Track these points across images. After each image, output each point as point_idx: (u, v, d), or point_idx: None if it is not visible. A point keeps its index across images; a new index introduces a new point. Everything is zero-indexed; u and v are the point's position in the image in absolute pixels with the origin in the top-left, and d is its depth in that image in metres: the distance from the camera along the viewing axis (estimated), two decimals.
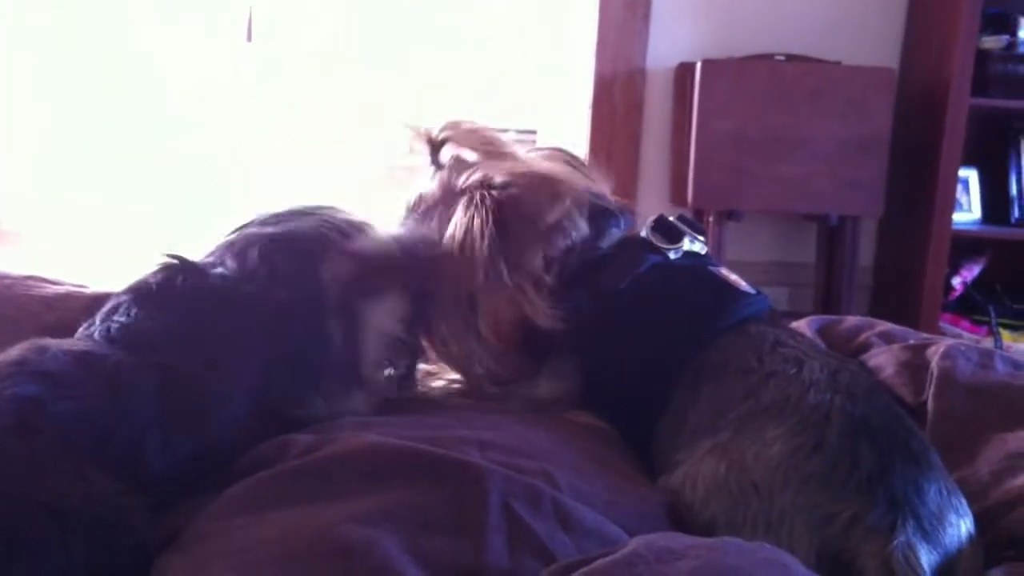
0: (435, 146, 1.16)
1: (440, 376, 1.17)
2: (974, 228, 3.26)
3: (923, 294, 3.13)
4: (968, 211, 3.29)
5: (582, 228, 1.11)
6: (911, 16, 3.23)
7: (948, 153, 3.06)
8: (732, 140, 2.98)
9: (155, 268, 0.99)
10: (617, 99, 3.24)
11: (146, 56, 5.37)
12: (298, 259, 1.01)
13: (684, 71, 3.09)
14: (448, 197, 1.12)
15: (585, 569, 0.69)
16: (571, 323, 1.08)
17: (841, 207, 3.10)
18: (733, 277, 1.13)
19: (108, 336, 0.91)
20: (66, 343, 0.90)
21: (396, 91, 5.87)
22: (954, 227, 3.12)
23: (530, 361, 1.10)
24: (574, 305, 1.08)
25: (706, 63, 2.93)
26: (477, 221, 1.05)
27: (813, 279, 3.19)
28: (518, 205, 1.07)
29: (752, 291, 1.12)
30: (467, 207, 1.07)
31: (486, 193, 1.07)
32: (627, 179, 3.14)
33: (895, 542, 0.84)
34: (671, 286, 1.10)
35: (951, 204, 3.12)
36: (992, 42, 3.07)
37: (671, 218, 1.16)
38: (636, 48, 3.21)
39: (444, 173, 1.14)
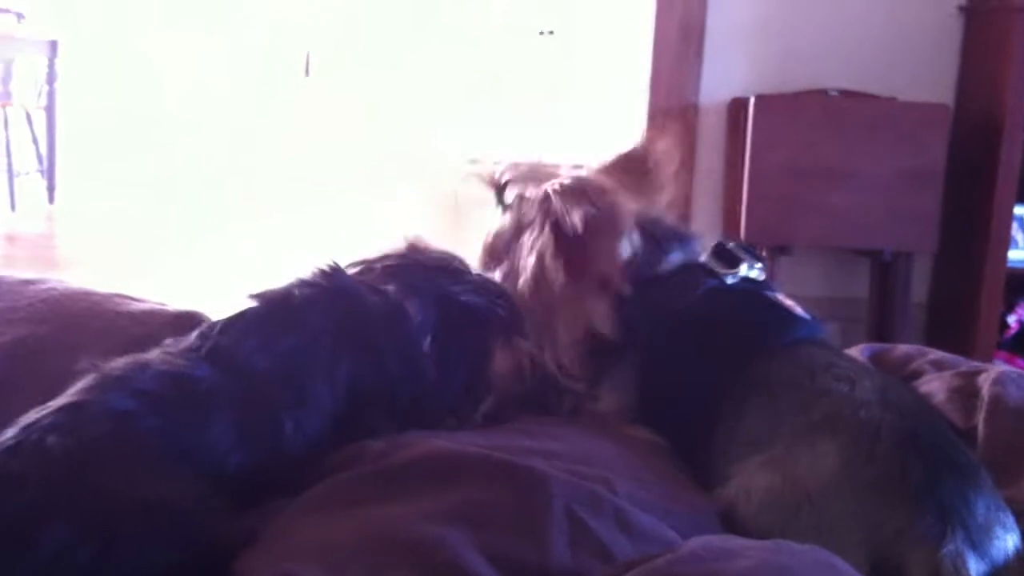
0: (499, 188, 1.24)
1: None
2: None
3: (978, 331, 3.13)
4: (1023, 249, 3.30)
5: (638, 245, 1.17)
6: (965, 52, 3.26)
7: (1003, 188, 3.07)
8: (785, 174, 3.02)
9: (306, 276, 1.06)
10: (670, 133, 3.29)
11: (215, 94, 5.54)
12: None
13: (737, 106, 3.14)
14: (518, 231, 1.20)
15: (645, 566, 0.75)
16: (630, 340, 1.14)
17: (895, 242, 3.12)
18: (789, 302, 1.18)
19: (208, 354, 0.98)
20: (166, 362, 0.96)
21: (458, 132, 6.00)
22: (1010, 264, 3.13)
23: (593, 366, 1.17)
24: (634, 323, 1.14)
25: (759, 98, 2.98)
26: (544, 241, 1.12)
27: (866, 315, 3.21)
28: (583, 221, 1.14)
29: (807, 316, 1.18)
30: (533, 232, 1.14)
31: (549, 210, 1.15)
32: (680, 213, 3.20)
33: (944, 550, 0.88)
34: (728, 308, 1.16)
35: (1006, 240, 3.13)
36: None
37: (730, 245, 1.22)
38: (689, 83, 3.27)
39: (512, 211, 1.22)
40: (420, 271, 1.15)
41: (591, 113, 3.81)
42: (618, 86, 3.62)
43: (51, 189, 4.75)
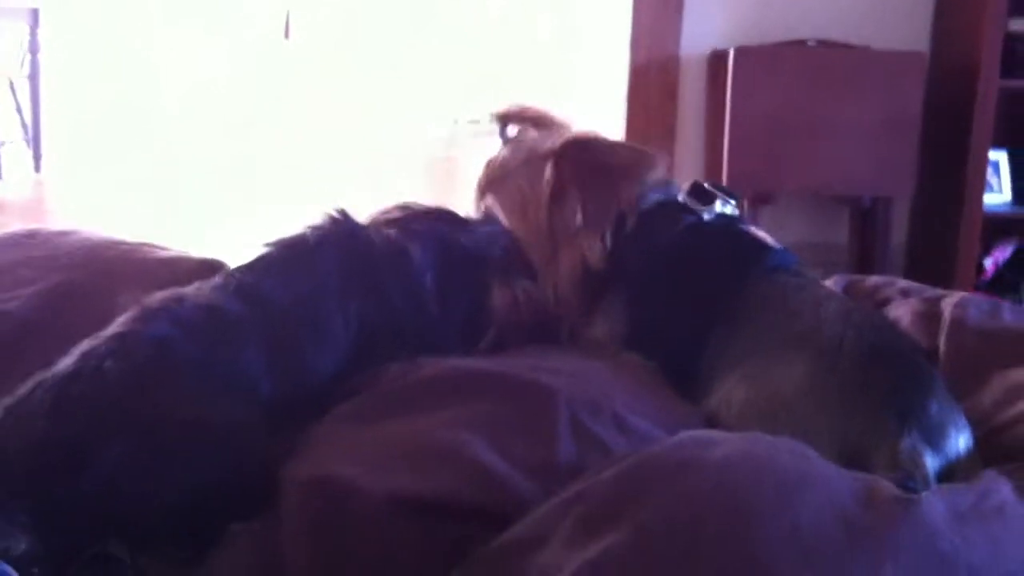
0: (504, 120, 1.36)
1: None
2: (1005, 210, 3.40)
3: (955, 274, 3.26)
4: (999, 193, 3.43)
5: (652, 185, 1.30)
6: (940, 0, 3.37)
7: (978, 135, 3.20)
8: (765, 125, 3.14)
9: (317, 222, 1.18)
10: (652, 87, 3.40)
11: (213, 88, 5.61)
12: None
13: (717, 58, 3.25)
14: (531, 159, 1.32)
15: (638, 454, 0.88)
16: (619, 273, 1.26)
17: (873, 188, 3.25)
18: (762, 234, 1.31)
19: (236, 289, 1.10)
20: (200, 295, 1.08)
21: (435, 82, 6.08)
22: (985, 208, 3.27)
23: (586, 298, 1.29)
24: (622, 257, 1.26)
25: (739, 50, 3.09)
26: (565, 175, 1.25)
27: (847, 260, 3.33)
28: (601, 158, 1.27)
29: (779, 247, 1.30)
30: (554, 166, 1.26)
31: (570, 150, 1.28)
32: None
33: (902, 444, 1.01)
34: (707, 241, 1.28)
35: (982, 185, 3.25)
36: (1021, 25, 3.20)
37: (704, 184, 1.34)
38: (670, 36, 3.37)
39: (512, 145, 1.34)
40: (419, 218, 1.27)
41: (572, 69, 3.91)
42: (597, 43, 3.71)
43: (37, 158, 4.82)
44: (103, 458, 0.91)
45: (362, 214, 1.27)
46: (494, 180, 1.36)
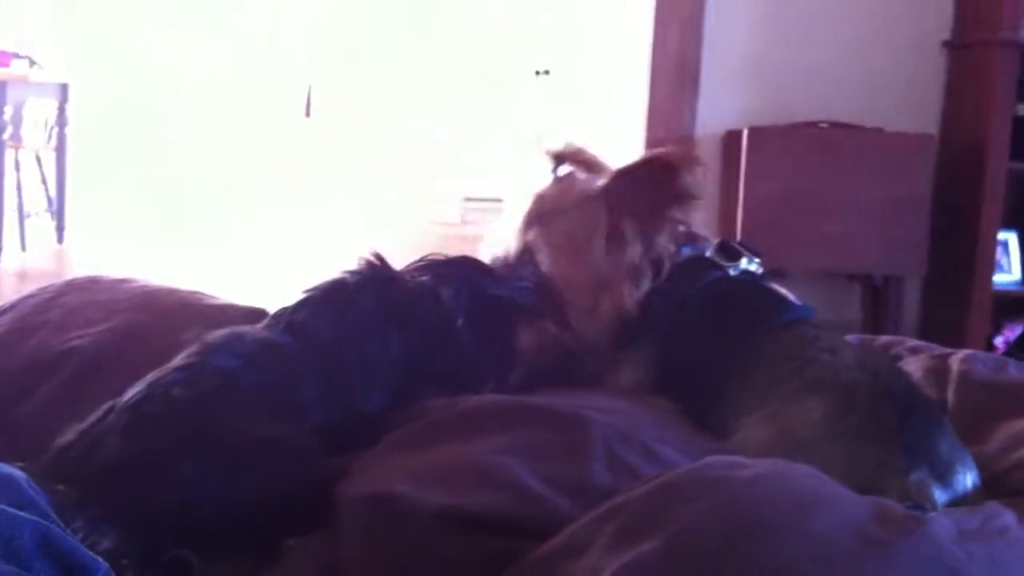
0: (558, 159, 1.46)
1: None
2: (1015, 288, 3.50)
3: None
4: (1009, 272, 3.53)
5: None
6: (949, 84, 3.51)
7: (987, 215, 3.32)
8: (778, 203, 3.26)
9: (353, 268, 1.28)
10: None
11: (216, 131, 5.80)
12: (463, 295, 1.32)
13: (731, 138, 3.38)
14: (583, 200, 1.42)
15: (668, 474, 0.97)
16: (649, 320, 1.36)
17: (884, 267, 3.36)
18: (783, 291, 1.41)
19: (287, 327, 1.20)
20: (256, 332, 1.19)
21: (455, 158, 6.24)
22: (996, 287, 3.37)
23: (616, 343, 1.39)
24: (653, 305, 1.36)
25: (752, 130, 3.23)
26: (597, 221, 1.36)
27: None
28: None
29: (798, 302, 1.41)
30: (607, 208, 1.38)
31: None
32: None
33: (911, 478, 1.11)
34: (733, 293, 1.38)
35: (991, 265, 3.36)
36: None
37: (731, 242, 1.45)
38: (685, 116, 3.51)
39: (560, 184, 1.45)
40: (447, 265, 1.38)
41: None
42: (615, 122, 3.85)
43: (60, 229, 4.97)
44: (175, 473, 1.00)
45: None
46: (544, 215, 1.44)
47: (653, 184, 1.40)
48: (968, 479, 1.17)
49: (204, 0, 6.32)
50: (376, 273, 1.30)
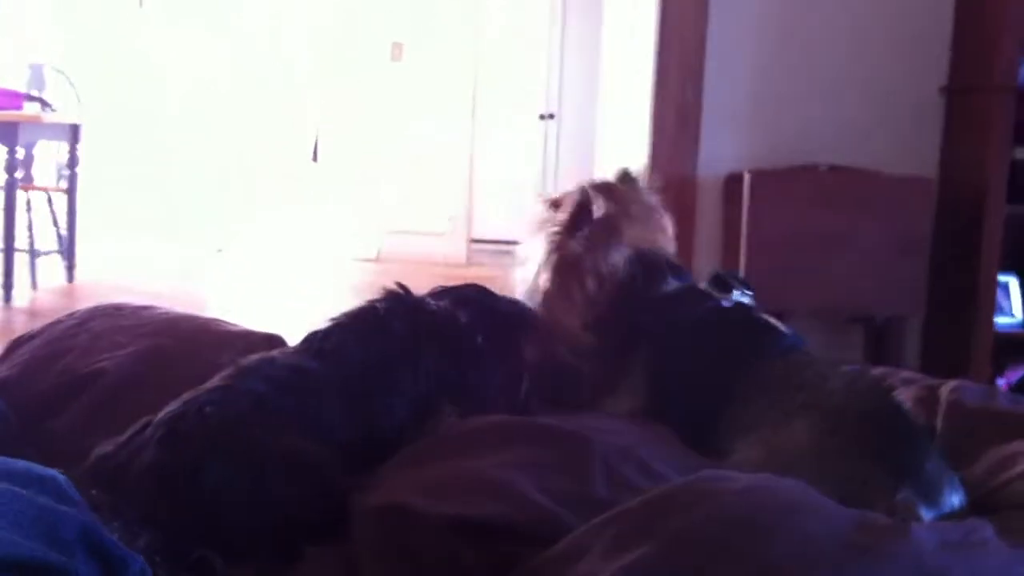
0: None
1: None
2: (1017, 330, 3.55)
3: None
4: (1011, 315, 3.59)
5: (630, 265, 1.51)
6: (947, 128, 3.59)
7: (987, 258, 3.37)
8: (780, 245, 3.32)
9: (381, 297, 1.38)
10: (670, 207, 3.60)
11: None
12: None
13: (732, 181, 3.45)
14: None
15: (663, 487, 1.04)
16: (642, 348, 1.43)
17: (885, 308, 3.42)
18: (775, 321, 1.49)
19: (316, 352, 1.28)
20: (288, 357, 1.27)
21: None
22: (997, 329, 3.42)
23: (608, 369, 1.47)
24: (646, 333, 1.44)
25: (754, 173, 3.30)
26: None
27: None
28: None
29: (791, 332, 1.48)
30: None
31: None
32: None
33: (898, 497, 1.17)
34: (726, 324, 1.46)
35: (992, 306, 3.41)
36: None
37: (723, 274, 1.53)
38: (687, 159, 3.59)
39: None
40: (460, 290, 1.46)
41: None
42: (619, 165, 3.93)
43: (70, 268, 5.06)
44: (205, 482, 1.08)
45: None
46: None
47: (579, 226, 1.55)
48: (954, 499, 1.23)
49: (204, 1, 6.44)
50: (404, 300, 1.40)
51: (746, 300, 1.51)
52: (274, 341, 1.47)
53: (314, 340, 1.31)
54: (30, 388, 1.37)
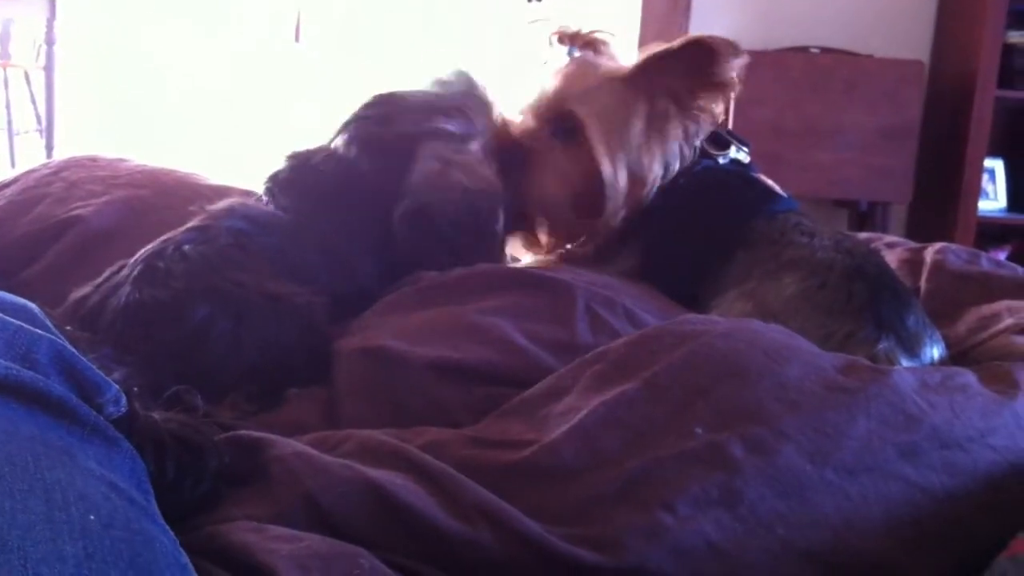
0: (572, 40, 1.47)
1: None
2: (1000, 216, 3.56)
3: None
4: (994, 200, 3.59)
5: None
6: (941, 12, 3.55)
7: (974, 143, 3.37)
8: (768, 128, 3.31)
9: (285, 162, 1.32)
10: None
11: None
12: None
13: None
14: (612, 83, 1.40)
15: (649, 328, 1.03)
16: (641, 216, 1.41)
17: (871, 193, 3.42)
18: (770, 182, 1.47)
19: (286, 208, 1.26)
20: (263, 205, 1.24)
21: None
22: (980, 215, 3.44)
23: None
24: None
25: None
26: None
27: None
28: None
29: (784, 194, 1.46)
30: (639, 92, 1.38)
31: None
32: None
33: (879, 347, 1.17)
34: (720, 182, 1.43)
35: (977, 192, 3.42)
36: (1018, 37, 3.39)
37: (721, 131, 1.49)
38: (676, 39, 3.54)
39: (587, 62, 1.44)
40: None
41: None
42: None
43: (49, 148, 4.98)
44: (187, 320, 1.06)
45: None
46: (574, 94, 1.39)
47: (692, 68, 1.38)
48: (935, 351, 1.23)
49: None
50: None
51: (742, 157, 1.48)
52: (255, 196, 1.44)
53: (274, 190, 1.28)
54: (5, 235, 1.34)
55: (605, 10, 3.82)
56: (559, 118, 1.40)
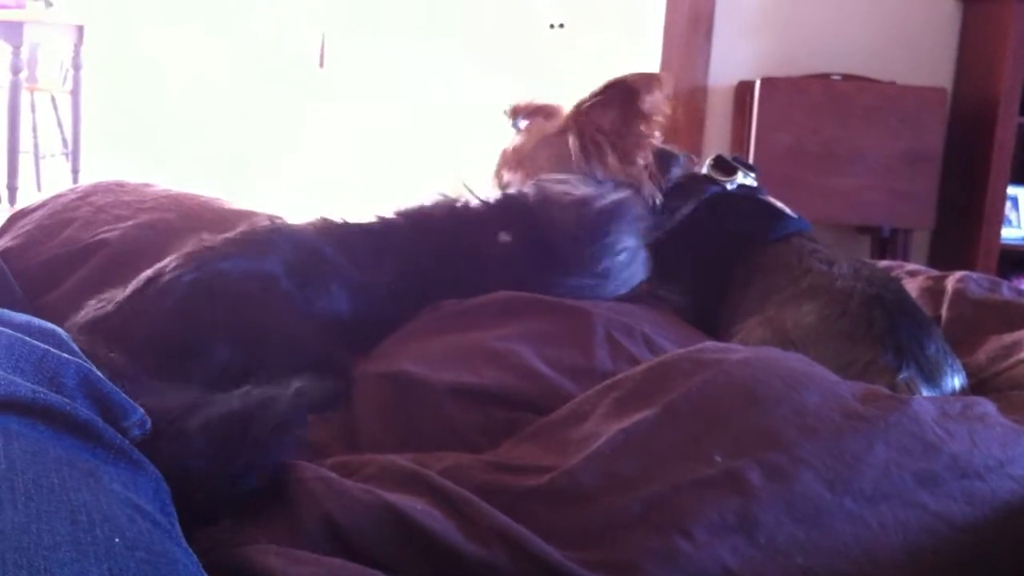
0: (515, 114, 1.54)
1: None
2: (1022, 243, 3.55)
3: None
4: (1017, 227, 3.58)
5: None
6: (963, 39, 3.55)
7: (997, 170, 3.36)
8: (789, 154, 3.31)
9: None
10: (680, 114, 3.58)
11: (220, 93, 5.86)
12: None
13: (743, 88, 3.43)
14: (547, 138, 1.49)
15: (667, 355, 1.04)
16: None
17: (893, 219, 3.41)
18: (780, 204, 1.47)
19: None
20: (305, 233, 1.26)
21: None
22: (1003, 242, 3.42)
23: None
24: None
25: (765, 81, 3.27)
26: (587, 133, 1.42)
27: None
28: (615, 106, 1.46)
29: (795, 215, 1.47)
30: (576, 129, 1.44)
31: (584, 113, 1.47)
32: None
33: (900, 376, 1.17)
34: (731, 208, 1.44)
35: (999, 219, 3.41)
36: None
37: (727, 157, 1.51)
38: (698, 66, 3.56)
39: (528, 130, 1.54)
40: None
41: None
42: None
43: (75, 171, 5.05)
44: (211, 356, 1.08)
45: None
46: (510, 162, 1.53)
47: (617, 106, 1.47)
48: (956, 380, 1.23)
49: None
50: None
51: (750, 182, 1.49)
52: (276, 222, 1.46)
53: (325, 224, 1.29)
54: (32, 259, 1.37)
55: (626, 39, 3.84)
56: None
